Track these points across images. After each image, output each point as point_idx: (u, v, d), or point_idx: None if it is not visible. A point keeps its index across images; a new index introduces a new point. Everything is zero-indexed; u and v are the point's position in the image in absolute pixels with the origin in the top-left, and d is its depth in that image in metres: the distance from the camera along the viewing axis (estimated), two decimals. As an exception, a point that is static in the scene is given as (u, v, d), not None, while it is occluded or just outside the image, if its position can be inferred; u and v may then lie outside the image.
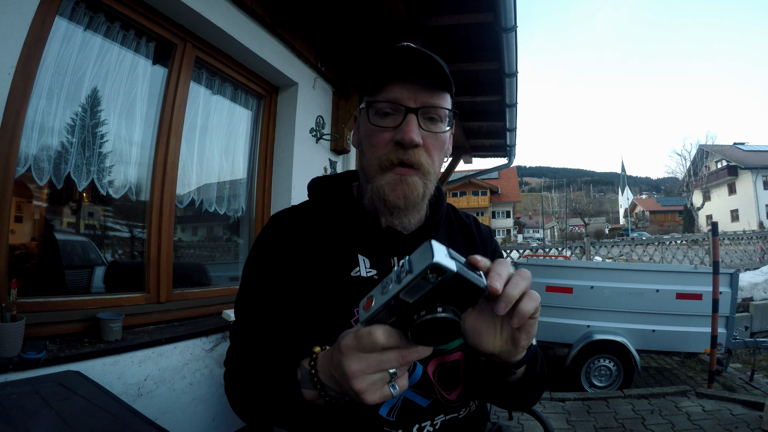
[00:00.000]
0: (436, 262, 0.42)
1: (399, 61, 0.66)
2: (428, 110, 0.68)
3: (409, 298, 0.44)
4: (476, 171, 7.40)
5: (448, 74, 0.67)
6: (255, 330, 0.71)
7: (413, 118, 0.67)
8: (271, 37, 2.47)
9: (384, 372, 0.48)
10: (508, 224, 45.35)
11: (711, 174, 31.12)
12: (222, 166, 2.53)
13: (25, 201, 1.68)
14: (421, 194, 0.70)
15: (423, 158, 0.68)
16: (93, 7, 1.71)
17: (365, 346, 0.47)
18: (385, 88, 0.68)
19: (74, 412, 0.99)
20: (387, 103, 0.68)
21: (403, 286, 0.43)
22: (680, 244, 10.65)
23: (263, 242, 0.76)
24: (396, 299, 0.44)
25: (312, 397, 0.57)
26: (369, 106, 0.69)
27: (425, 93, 0.67)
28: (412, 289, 0.43)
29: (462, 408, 0.74)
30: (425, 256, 0.43)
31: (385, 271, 0.72)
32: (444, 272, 0.43)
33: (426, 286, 0.43)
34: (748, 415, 2.80)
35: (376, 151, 0.69)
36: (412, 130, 0.66)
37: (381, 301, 0.45)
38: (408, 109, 0.67)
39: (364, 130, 0.73)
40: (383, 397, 0.49)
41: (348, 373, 0.48)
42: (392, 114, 0.68)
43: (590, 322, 3.69)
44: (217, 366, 1.97)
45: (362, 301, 0.48)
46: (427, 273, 0.42)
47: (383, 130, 0.68)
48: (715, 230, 3.75)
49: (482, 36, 3.03)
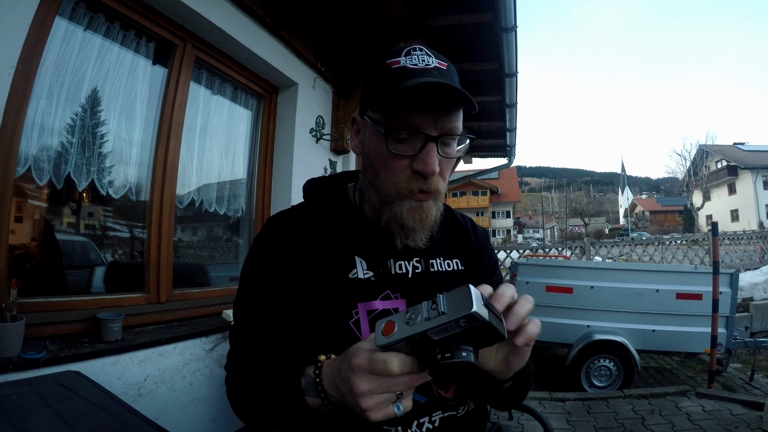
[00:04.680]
0: (475, 312, 0.43)
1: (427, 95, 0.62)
2: (447, 136, 0.66)
3: (435, 335, 0.45)
4: (476, 171, 7.39)
5: (473, 102, 0.63)
6: (254, 333, 0.71)
7: (434, 147, 0.64)
8: (271, 38, 2.47)
9: (391, 393, 0.49)
10: (508, 224, 45.35)
11: (711, 174, 31.12)
12: (222, 166, 2.53)
13: (25, 201, 1.68)
14: (435, 216, 0.70)
15: (440, 185, 0.68)
16: (93, 7, 1.71)
17: (378, 371, 0.48)
18: (405, 113, 0.64)
19: (74, 412, 0.99)
20: (407, 129, 0.65)
21: (435, 326, 0.44)
22: (680, 244, 10.64)
23: (260, 246, 0.75)
24: (422, 335, 0.45)
25: (315, 405, 0.58)
26: (388, 132, 0.65)
27: (445, 118, 0.65)
28: (441, 330, 0.45)
29: (460, 406, 0.74)
30: (464, 303, 0.44)
31: (382, 273, 0.72)
32: (476, 321, 0.44)
33: (455, 329, 0.45)
34: (748, 415, 2.80)
35: (394, 177, 0.67)
36: (434, 162, 0.64)
37: (405, 332, 0.46)
38: (428, 138, 0.64)
39: (377, 150, 0.69)
40: (387, 416, 0.50)
41: (356, 391, 0.48)
42: (410, 140, 0.65)
43: (590, 322, 3.69)
44: (217, 366, 1.97)
45: (380, 324, 0.49)
46: (461, 319, 0.44)
47: (400, 158, 0.66)
48: (715, 230, 3.75)
49: (482, 36, 3.03)
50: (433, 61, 0.67)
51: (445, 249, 0.80)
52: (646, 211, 50.95)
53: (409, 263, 0.75)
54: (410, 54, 0.67)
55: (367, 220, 0.74)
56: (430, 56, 0.67)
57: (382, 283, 0.72)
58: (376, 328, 0.49)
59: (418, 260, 0.76)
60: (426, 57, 0.67)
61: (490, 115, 4.62)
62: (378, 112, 0.67)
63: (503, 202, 44.96)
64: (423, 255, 0.76)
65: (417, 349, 0.48)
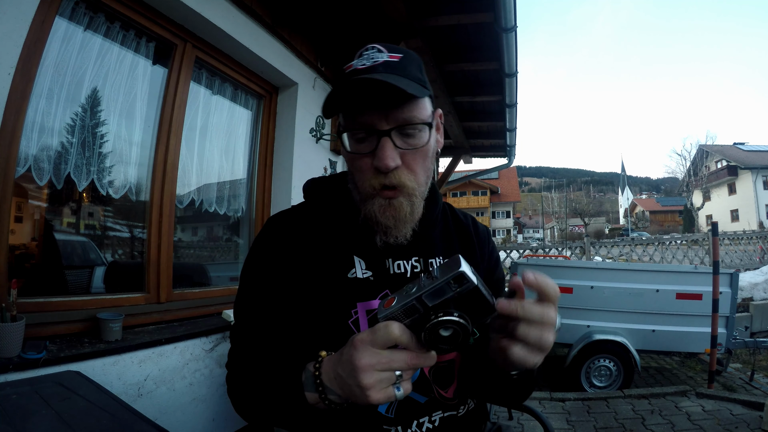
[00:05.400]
0: (462, 270, 0.47)
1: (368, 92, 0.61)
2: (403, 128, 0.64)
3: (429, 301, 0.49)
4: (476, 171, 7.41)
5: (417, 88, 0.62)
6: (254, 332, 0.71)
7: (387, 141, 0.63)
8: (271, 38, 2.47)
9: (391, 372, 0.50)
10: (508, 224, 45.35)
11: (711, 174, 31.12)
12: (222, 166, 2.53)
13: (25, 201, 1.68)
14: (409, 212, 0.68)
15: (404, 178, 0.66)
16: (93, 7, 1.70)
17: (379, 339, 0.50)
18: (355, 113, 0.65)
19: (74, 412, 0.98)
20: (359, 129, 0.65)
21: (427, 289, 0.48)
22: (680, 244, 10.64)
23: (260, 245, 0.76)
24: (418, 300, 0.49)
25: (313, 401, 0.57)
26: (347, 133, 0.66)
27: (397, 111, 0.63)
28: (435, 293, 0.48)
29: (461, 406, 0.75)
30: (453, 265, 0.49)
31: (381, 272, 0.73)
32: (465, 283, 0.48)
33: (447, 292, 0.48)
34: (748, 415, 2.80)
35: (362, 177, 0.68)
36: (387, 156, 0.63)
37: (403, 300, 0.50)
38: (380, 133, 0.64)
39: (344, 154, 0.71)
40: (387, 397, 0.50)
41: (358, 365, 0.49)
42: (368, 137, 0.65)
43: (590, 322, 3.69)
44: (217, 366, 1.97)
45: (383, 300, 0.53)
46: (451, 281, 0.48)
47: (362, 157, 0.66)
48: (715, 230, 3.75)
49: (482, 36, 3.03)
50: (383, 57, 0.66)
51: (445, 248, 0.80)
52: (646, 211, 50.94)
53: (407, 263, 0.75)
54: (362, 55, 0.68)
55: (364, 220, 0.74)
56: (382, 52, 0.67)
57: (380, 283, 0.72)
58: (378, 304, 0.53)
59: (417, 260, 0.76)
60: (377, 54, 0.66)
61: (490, 115, 4.62)
62: (341, 115, 0.69)
63: (503, 202, 44.96)
64: (422, 254, 0.76)
65: (415, 321, 0.50)
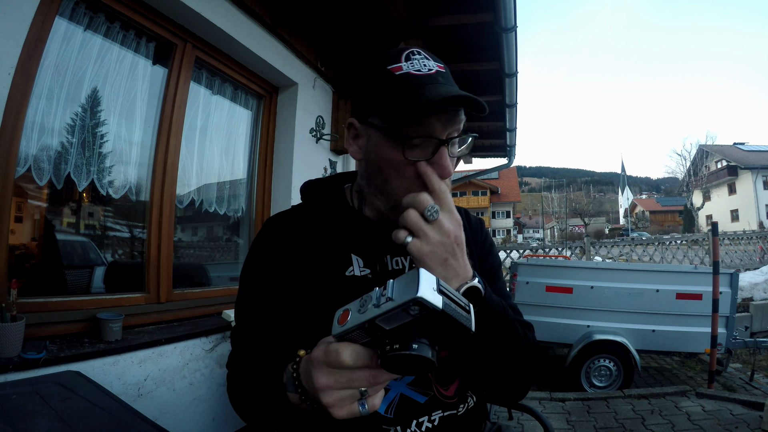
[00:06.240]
0: (420, 297, 0.38)
1: (444, 106, 0.62)
2: (455, 138, 0.66)
3: (386, 324, 0.41)
4: (476, 171, 7.39)
5: (485, 107, 0.63)
6: (254, 333, 0.72)
7: (446, 150, 0.64)
8: (271, 38, 2.47)
9: (354, 390, 0.47)
10: (508, 224, 45.36)
11: (711, 174, 31.11)
12: (222, 167, 2.53)
13: (25, 201, 1.68)
14: None
15: (449, 185, 0.67)
16: (93, 7, 1.71)
17: (332, 363, 0.46)
18: (420, 120, 0.63)
19: (74, 412, 0.99)
20: (420, 136, 0.64)
21: (381, 313, 0.40)
22: (680, 244, 10.63)
23: (258, 247, 0.76)
24: (371, 323, 0.41)
25: (295, 401, 0.57)
26: (402, 140, 0.64)
27: (453, 120, 0.65)
28: (390, 318, 0.40)
29: (460, 404, 0.75)
30: (410, 286, 0.39)
31: (379, 269, 0.73)
32: (427, 309, 0.39)
33: (405, 318, 0.40)
34: (748, 415, 2.80)
35: (401, 183, 0.66)
36: (449, 165, 0.65)
37: (356, 320, 0.42)
38: (441, 142, 0.64)
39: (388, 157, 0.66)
40: (351, 414, 0.48)
41: (316, 386, 0.47)
42: (422, 145, 0.64)
43: (590, 322, 3.69)
44: (217, 366, 1.97)
45: (338, 312, 0.45)
46: (409, 306, 0.39)
47: (407, 164, 0.65)
48: (715, 230, 3.75)
49: (482, 36, 3.03)
50: (433, 65, 0.66)
51: None
52: (646, 211, 50.93)
53: (406, 258, 0.75)
54: (410, 59, 0.65)
55: (364, 220, 0.74)
56: (429, 59, 0.66)
57: (379, 280, 0.72)
58: (335, 317, 0.45)
59: None
60: (426, 61, 0.66)
61: (490, 115, 4.58)
62: (389, 119, 0.65)
63: (503, 202, 44.97)
64: None
65: (373, 341, 0.44)
